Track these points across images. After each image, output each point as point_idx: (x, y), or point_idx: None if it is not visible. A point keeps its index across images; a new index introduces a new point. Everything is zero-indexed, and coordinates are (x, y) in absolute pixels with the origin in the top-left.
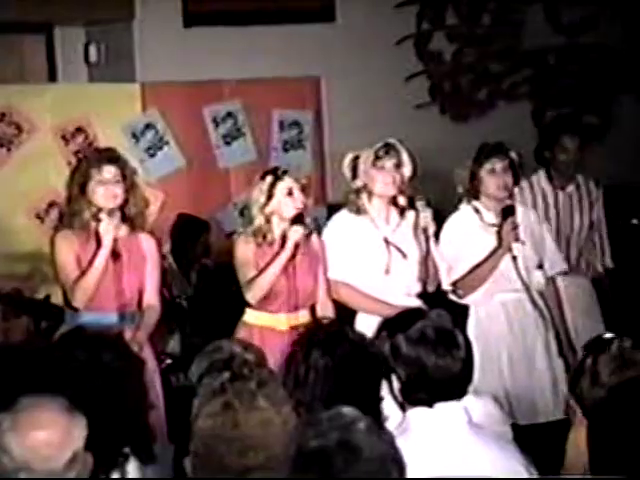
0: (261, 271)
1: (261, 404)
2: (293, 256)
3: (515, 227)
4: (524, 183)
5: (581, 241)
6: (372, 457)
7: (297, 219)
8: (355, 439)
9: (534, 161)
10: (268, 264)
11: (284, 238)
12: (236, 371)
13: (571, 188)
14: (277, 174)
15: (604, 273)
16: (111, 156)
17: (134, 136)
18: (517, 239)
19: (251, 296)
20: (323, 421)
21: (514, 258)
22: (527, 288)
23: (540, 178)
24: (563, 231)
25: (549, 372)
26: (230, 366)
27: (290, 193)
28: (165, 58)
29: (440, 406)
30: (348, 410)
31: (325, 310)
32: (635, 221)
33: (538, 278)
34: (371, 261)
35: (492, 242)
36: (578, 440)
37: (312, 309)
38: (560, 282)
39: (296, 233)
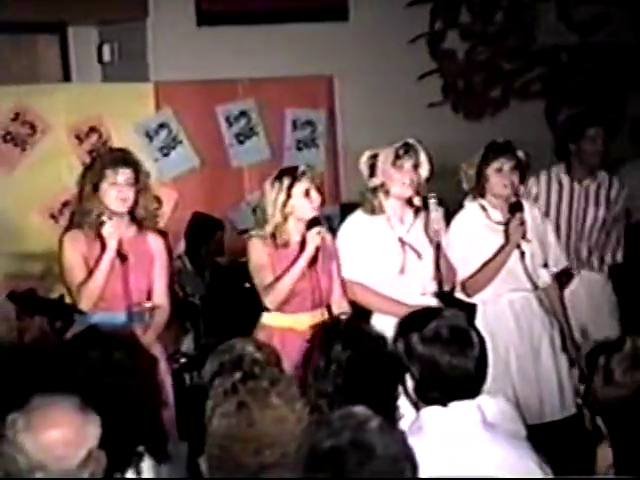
0: (279, 276)
1: (275, 402)
2: (314, 259)
3: (522, 223)
4: (543, 175)
5: (594, 236)
6: (385, 456)
7: (314, 222)
8: (367, 438)
9: (546, 158)
10: (287, 269)
11: (303, 241)
12: (247, 371)
13: (588, 182)
14: (295, 175)
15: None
16: (126, 158)
17: (147, 135)
18: (524, 235)
19: (270, 301)
20: (335, 421)
21: (522, 254)
22: (535, 286)
23: (560, 170)
24: (574, 224)
25: (555, 370)
26: (240, 366)
27: (307, 194)
28: (178, 57)
29: (454, 405)
30: (360, 409)
31: (341, 308)
32: None
33: (544, 276)
34: (386, 261)
35: (499, 240)
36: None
37: (328, 308)
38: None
39: (317, 237)
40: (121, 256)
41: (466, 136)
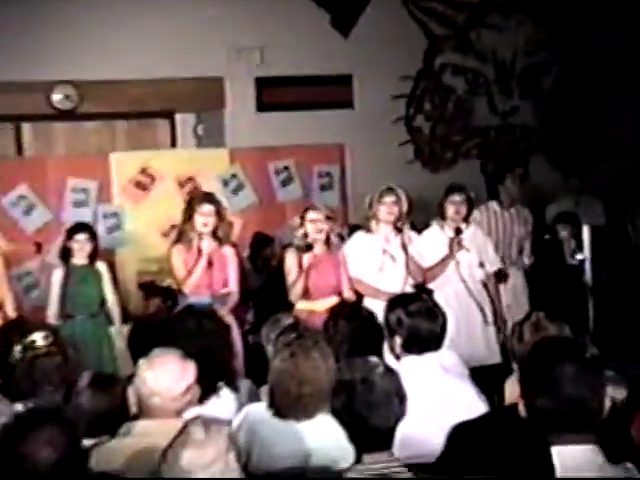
0: (293, 283)
1: (314, 355)
2: (308, 268)
3: (459, 242)
4: (482, 207)
5: (518, 244)
6: (382, 391)
7: (310, 247)
8: (372, 377)
9: (482, 195)
10: (296, 279)
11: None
12: (300, 332)
13: (513, 210)
14: (305, 208)
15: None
16: (210, 198)
17: (224, 183)
18: (460, 249)
19: (291, 298)
20: (355, 363)
21: (457, 263)
22: (464, 281)
23: (493, 204)
24: (508, 238)
25: (484, 335)
26: (296, 328)
27: (311, 221)
28: (245, 132)
29: (426, 355)
30: (374, 358)
31: (350, 296)
32: (547, 236)
33: (479, 273)
34: (372, 262)
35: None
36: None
37: (340, 295)
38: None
39: (306, 259)
40: (209, 262)
41: (430, 183)
